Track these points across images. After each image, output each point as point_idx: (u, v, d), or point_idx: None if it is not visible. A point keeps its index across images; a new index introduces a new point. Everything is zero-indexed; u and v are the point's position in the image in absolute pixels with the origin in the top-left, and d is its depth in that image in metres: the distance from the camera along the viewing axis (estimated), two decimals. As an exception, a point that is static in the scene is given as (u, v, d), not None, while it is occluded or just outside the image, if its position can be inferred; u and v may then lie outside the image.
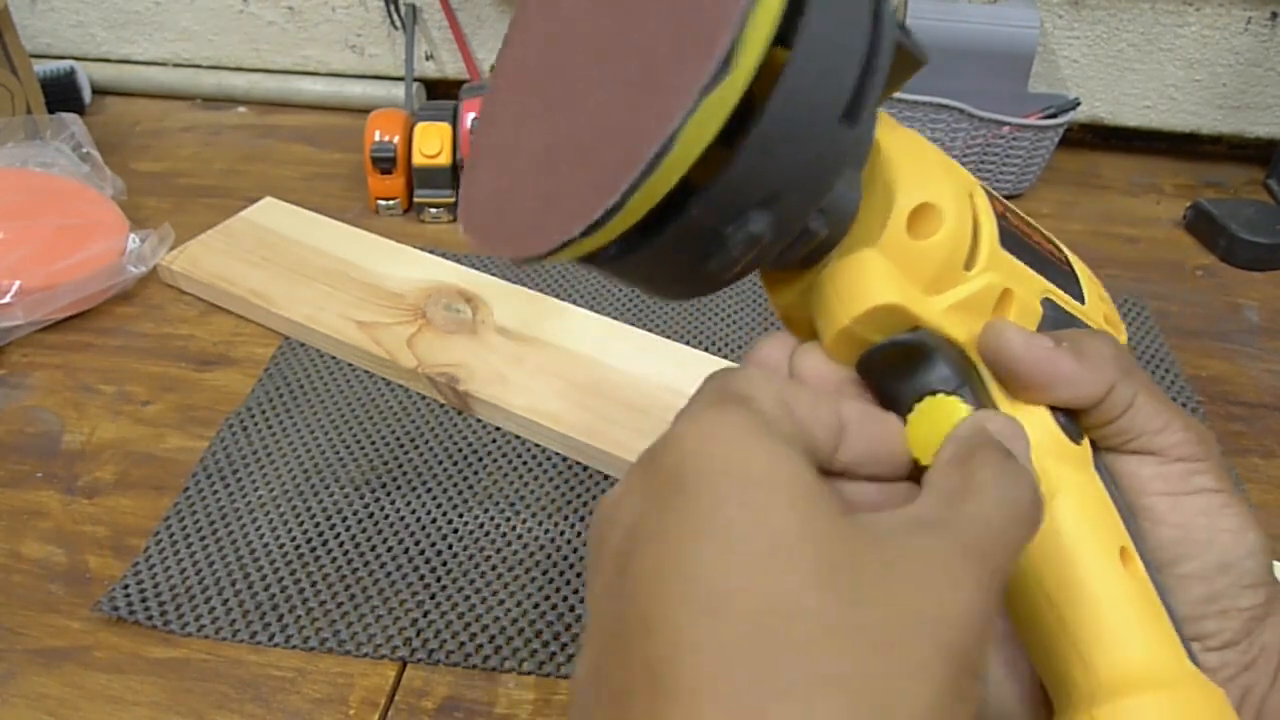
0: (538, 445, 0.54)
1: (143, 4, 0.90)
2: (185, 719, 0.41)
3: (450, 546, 0.49)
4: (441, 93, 0.89)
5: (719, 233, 0.22)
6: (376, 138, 0.72)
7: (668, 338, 0.61)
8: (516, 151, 0.24)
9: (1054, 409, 0.27)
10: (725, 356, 0.60)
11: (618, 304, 0.65)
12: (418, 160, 0.72)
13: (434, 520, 0.50)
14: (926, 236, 0.25)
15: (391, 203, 0.74)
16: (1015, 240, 0.28)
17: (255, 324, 0.63)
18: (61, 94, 0.85)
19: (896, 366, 0.26)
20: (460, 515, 0.50)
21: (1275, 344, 0.64)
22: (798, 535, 0.18)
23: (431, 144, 0.71)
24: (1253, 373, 0.62)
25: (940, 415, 0.25)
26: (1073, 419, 0.28)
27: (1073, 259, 0.32)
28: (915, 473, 0.25)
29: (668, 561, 0.18)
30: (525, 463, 0.53)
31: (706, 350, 0.60)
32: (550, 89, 0.24)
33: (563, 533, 0.49)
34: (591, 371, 0.57)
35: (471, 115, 0.70)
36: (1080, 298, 0.31)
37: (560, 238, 0.21)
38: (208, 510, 0.50)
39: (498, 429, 0.55)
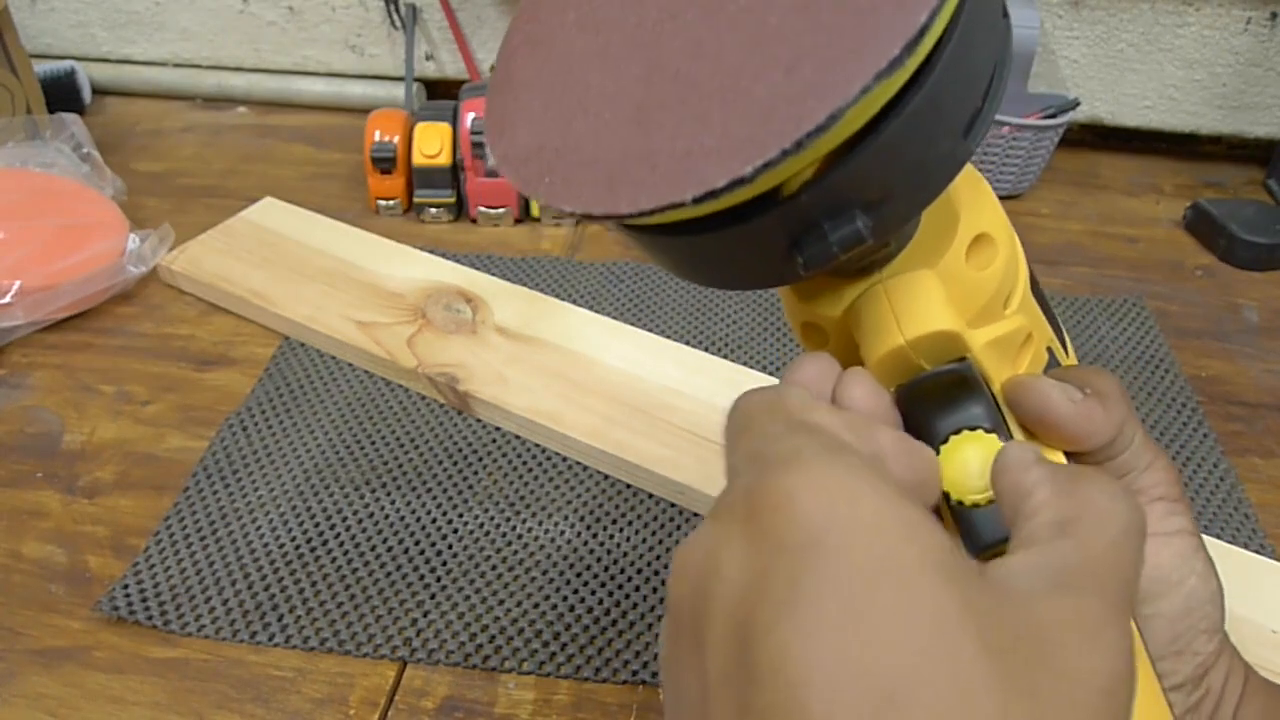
0: (537, 445, 0.54)
1: (143, 4, 0.90)
2: (185, 719, 0.41)
3: (450, 546, 0.49)
4: (441, 93, 0.89)
5: (818, 226, 0.21)
6: (376, 138, 0.72)
7: (668, 338, 0.61)
8: (576, 98, 0.22)
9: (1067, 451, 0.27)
10: (725, 356, 0.60)
11: (618, 304, 0.65)
12: (418, 160, 0.72)
13: (434, 520, 0.50)
14: (982, 267, 0.25)
15: (391, 203, 0.74)
16: (1035, 287, 0.28)
17: (255, 324, 0.63)
18: (61, 94, 0.85)
19: (942, 396, 0.25)
20: (460, 515, 0.50)
21: (1275, 344, 0.64)
22: (957, 614, 0.17)
23: (431, 144, 0.71)
24: (1252, 373, 0.62)
25: (980, 452, 0.24)
26: (1072, 455, 0.27)
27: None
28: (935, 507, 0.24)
29: (823, 647, 0.16)
30: (525, 463, 0.53)
31: (706, 350, 0.60)
32: (623, 36, 0.22)
33: (563, 533, 0.49)
34: (591, 371, 0.57)
35: (472, 115, 0.70)
36: (1065, 347, 0.31)
37: (663, 200, 0.19)
38: (208, 510, 0.50)
39: (497, 429, 0.55)
